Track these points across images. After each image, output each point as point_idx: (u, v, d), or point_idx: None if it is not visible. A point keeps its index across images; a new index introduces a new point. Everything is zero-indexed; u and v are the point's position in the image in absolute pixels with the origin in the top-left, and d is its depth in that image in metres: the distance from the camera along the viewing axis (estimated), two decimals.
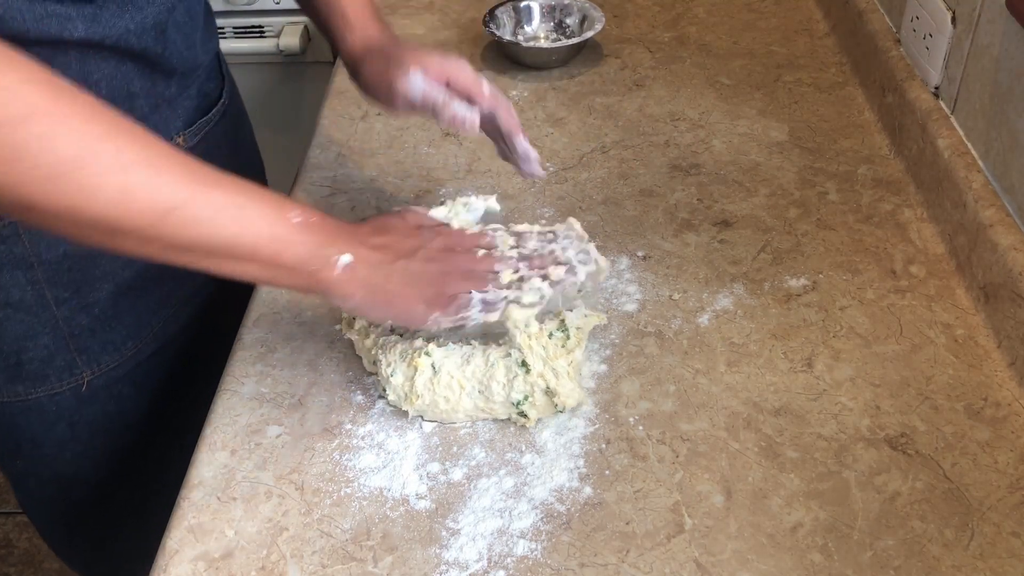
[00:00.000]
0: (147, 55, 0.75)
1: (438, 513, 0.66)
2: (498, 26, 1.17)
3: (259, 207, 0.61)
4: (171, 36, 0.77)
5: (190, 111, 0.85)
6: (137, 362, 0.86)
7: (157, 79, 0.78)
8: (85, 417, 0.86)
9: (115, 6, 0.71)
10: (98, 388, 0.85)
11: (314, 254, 0.63)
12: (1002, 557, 0.62)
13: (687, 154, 1.00)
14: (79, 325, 0.81)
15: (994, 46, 0.82)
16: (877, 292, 0.82)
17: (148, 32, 0.74)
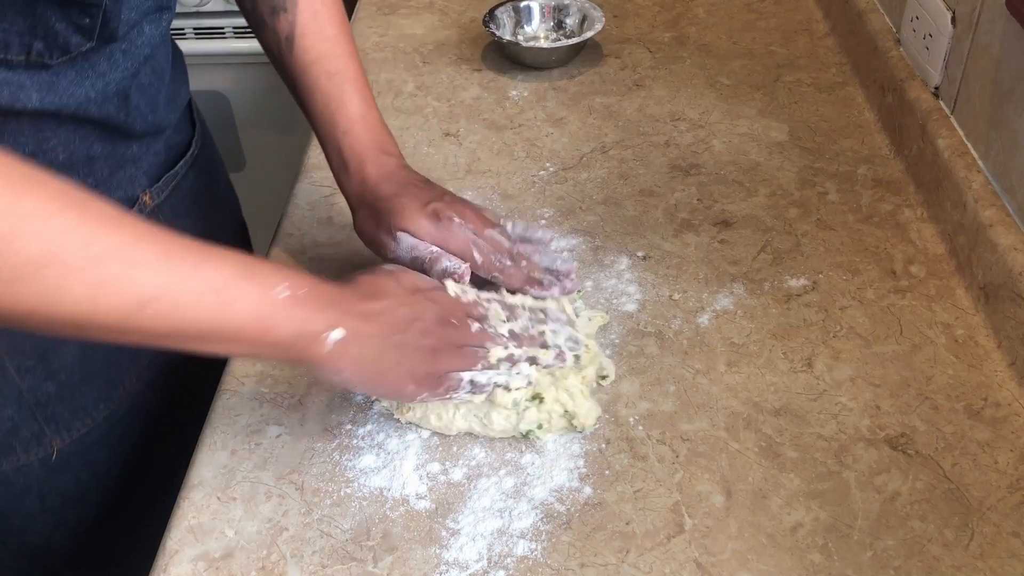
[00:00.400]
0: (108, 122, 0.71)
1: (438, 513, 0.66)
2: (498, 26, 1.17)
3: (242, 286, 0.57)
4: (134, 101, 0.73)
5: (156, 167, 0.80)
6: (110, 424, 0.81)
7: (119, 141, 0.74)
8: (56, 487, 0.80)
9: (73, 73, 0.66)
10: (69, 456, 0.79)
11: (302, 331, 0.59)
12: (1002, 557, 0.62)
13: (687, 154, 1.00)
14: (45, 393, 0.75)
15: (994, 46, 0.82)
16: (877, 292, 0.82)
17: (110, 100, 0.70)
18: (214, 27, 1.58)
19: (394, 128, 1.05)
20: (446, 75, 1.15)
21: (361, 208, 0.77)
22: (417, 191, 0.75)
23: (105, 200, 0.53)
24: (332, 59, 0.79)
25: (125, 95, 0.71)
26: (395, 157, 0.79)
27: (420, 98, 1.11)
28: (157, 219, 0.80)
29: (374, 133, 0.79)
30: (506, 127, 1.05)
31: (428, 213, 0.73)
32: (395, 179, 0.76)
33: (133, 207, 0.77)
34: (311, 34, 0.79)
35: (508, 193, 0.95)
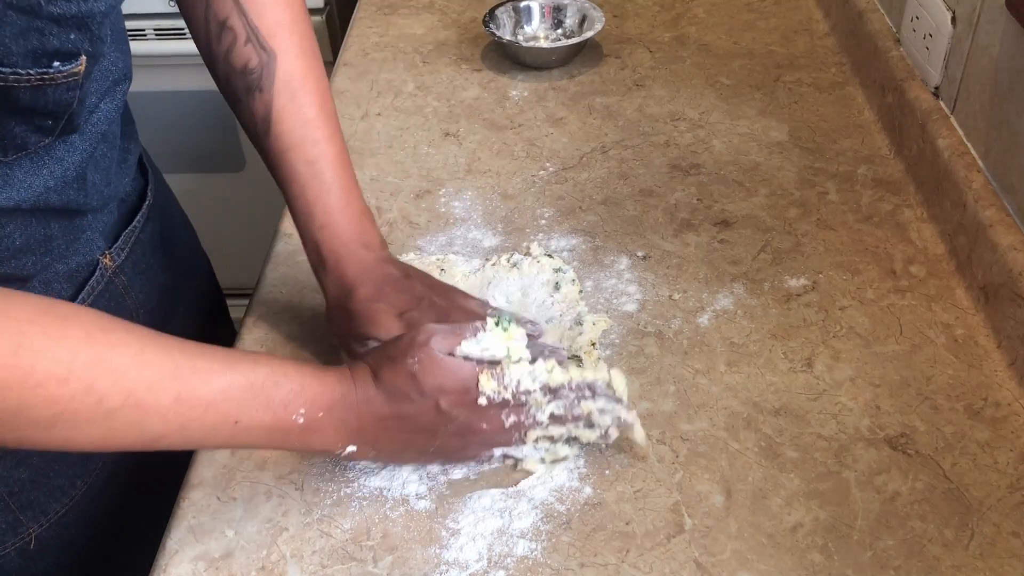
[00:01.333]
0: (67, 207, 0.67)
1: (438, 513, 0.66)
2: (498, 26, 1.17)
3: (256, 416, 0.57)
4: (91, 180, 0.69)
5: (110, 226, 0.76)
6: (89, 499, 0.77)
7: (75, 217, 0.70)
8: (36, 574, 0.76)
9: (29, 163, 0.62)
10: (47, 540, 0.75)
11: (316, 449, 0.63)
12: (1002, 557, 0.62)
13: (687, 154, 1.00)
14: (18, 480, 0.71)
15: (994, 46, 0.82)
16: (877, 292, 0.82)
17: (69, 185, 0.66)
18: None
19: (394, 128, 1.06)
20: (446, 75, 1.15)
21: (335, 307, 0.73)
22: (394, 295, 0.71)
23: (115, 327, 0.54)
24: (310, 145, 0.73)
25: (83, 177, 0.68)
26: (374, 251, 0.74)
27: (420, 98, 1.11)
28: (119, 281, 0.77)
29: (353, 225, 0.74)
30: (506, 127, 1.05)
31: (403, 324, 0.69)
32: (373, 278, 0.72)
33: (93, 274, 0.73)
34: (288, 118, 0.73)
35: (508, 193, 0.95)
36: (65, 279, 0.71)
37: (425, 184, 0.97)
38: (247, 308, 0.84)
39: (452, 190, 0.96)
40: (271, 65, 0.73)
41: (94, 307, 0.73)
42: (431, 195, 0.96)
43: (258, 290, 0.85)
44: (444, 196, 0.95)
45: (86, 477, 0.76)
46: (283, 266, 0.88)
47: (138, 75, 0.72)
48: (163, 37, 1.55)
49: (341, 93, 1.12)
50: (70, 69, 0.59)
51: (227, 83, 0.74)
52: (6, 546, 0.72)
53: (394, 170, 0.99)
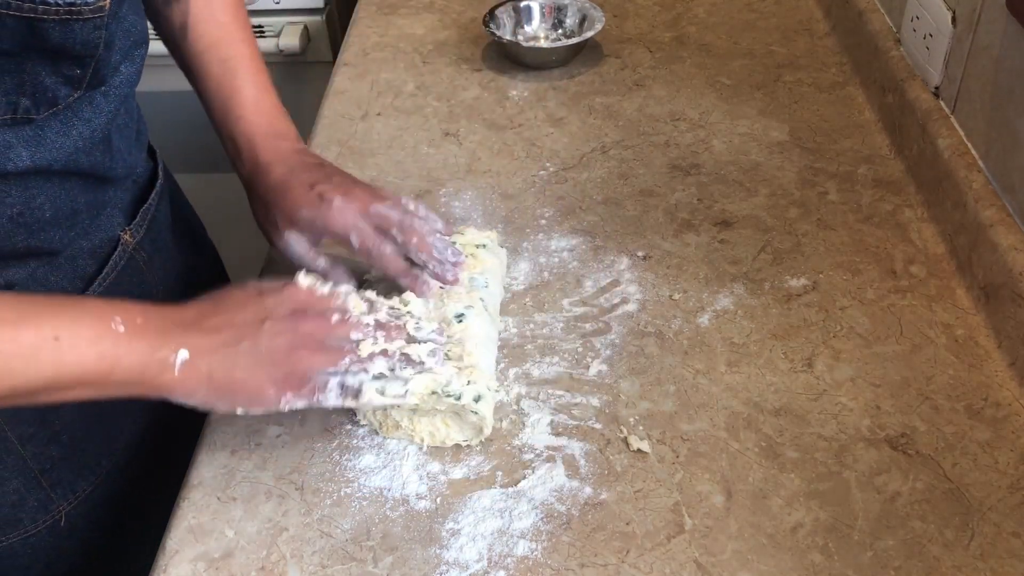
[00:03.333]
0: (95, 171, 0.70)
1: (438, 513, 0.66)
2: (498, 26, 1.17)
3: (77, 329, 0.56)
4: (116, 144, 0.71)
5: (129, 203, 0.78)
6: (112, 479, 0.78)
7: (99, 189, 0.72)
8: (64, 553, 0.77)
9: (59, 124, 0.64)
10: (76, 518, 0.76)
11: (147, 361, 0.58)
12: (1002, 557, 0.62)
13: (687, 154, 1.00)
14: (49, 458, 0.73)
15: (994, 46, 0.82)
16: (877, 292, 0.82)
17: (96, 147, 0.68)
18: None
19: (394, 128, 1.06)
20: (446, 75, 1.15)
21: (253, 195, 0.76)
22: (305, 173, 0.73)
23: None
24: (225, 45, 0.79)
25: (108, 139, 0.70)
26: (289, 140, 0.77)
27: (420, 98, 1.11)
28: (139, 256, 0.78)
29: (267, 117, 0.78)
30: (506, 127, 1.05)
31: (312, 198, 0.71)
32: (287, 162, 0.75)
33: (115, 250, 0.75)
34: (203, 21, 0.78)
35: (508, 193, 0.95)
36: (89, 255, 0.73)
37: (425, 184, 0.97)
38: None
39: (452, 190, 0.96)
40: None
41: (117, 284, 0.75)
42: (431, 195, 0.96)
43: None
44: (444, 196, 0.95)
45: (111, 455, 0.78)
46: (284, 266, 0.87)
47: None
48: None
49: (341, 93, 1.12)
50: (96, 3, 0.60)
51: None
52: (37, 524, 0.74)
53: (394, 170, 0.99)
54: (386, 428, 0.71)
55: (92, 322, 0.58)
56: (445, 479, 0.68)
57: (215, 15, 0.79)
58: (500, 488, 0.68)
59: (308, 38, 1.58)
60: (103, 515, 0.79)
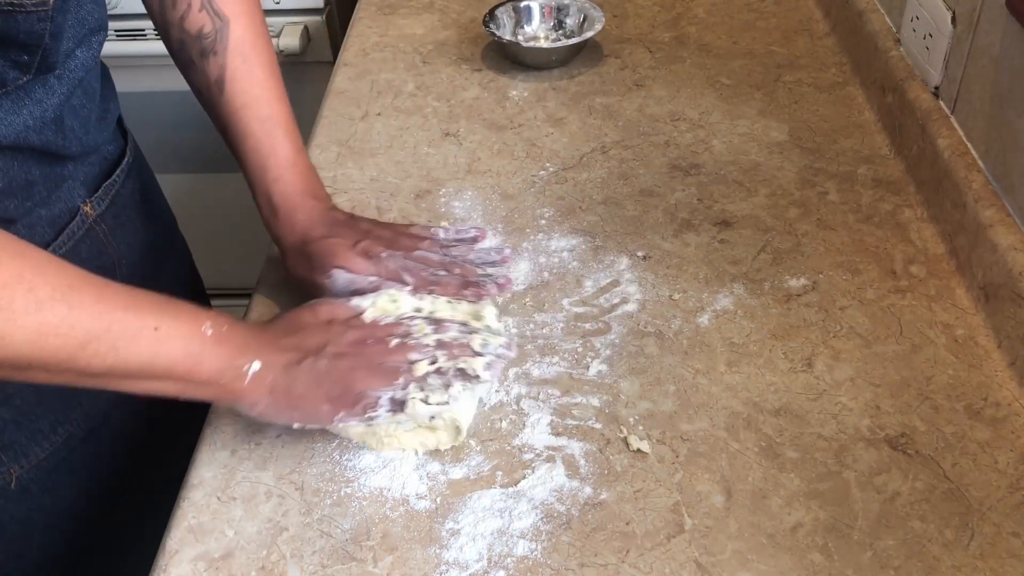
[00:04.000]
0: (47, 148, 0.71)
1: (438, 513, 0.66)
2: (498, 26, 1.17)
3: (173, 325, 0.61)
4: (68, 124, 0.72)
5: (92, 177, 0.79)
6: (70, 448, 0.79)
7: (55, 164, 0.73)
8: (16, 516, 0.77)
9: (9, 103, 0.66)
10: (28, 483, 0.77)
11: (226, 366, 0.63)
12: (1002, 557, 0.62)
13: (687, 154, 1.00)
14: (0, 420, 0.74)
15: (994, 46, 0.82)
16: (877, 292, 0.82)
17: (48, 126, 0.69)
18: None
19: (394, 128, 1.06)
20: (446, 75, 1.15)
21: (293, 253, 0.79)
22: (345, 231, 0.78)
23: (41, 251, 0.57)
24: (263, 104, 0.80)
25: (60, 119, 0.71)
26: (323, 201, 0.81)
27: (420, 98, 1.11)
28: (100, 229, 0.79)
29: (304, 179, 0.81)
30: (506, 127, 1.05)
31: (358, 252, 0.76)
32: (324, 222, 0.79)
33: (74, 219, 0.76)
34: (241, 78, 0.79)
35: (508, 193, 0.95)
36: (48, 224, 0.74)
37: (425, 184, 0.97)
38: (247, 308, 0.84)
39: (452, 190, 0.96)
40: (224, 31, 0.80)
41: (75, 252, 0.76)
42: (431, 195, 0.96)
43: (258, 290, 0.85)
44: (444, 196, 0.95)
45: (67, 425, 0.79)
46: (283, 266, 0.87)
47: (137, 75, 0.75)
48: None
49: (341, 93, 1.12)
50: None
51: (181, 48, 0.81)
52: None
53: (394, 170, 0.99)
54: (378, 444, 0.70)
55: (187, 321, 0.62)
56: (445, 479, 0.68)
57: (253, 72, 0.80)
58: (500, 488, 0.68)
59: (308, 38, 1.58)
60: (58, 483, 0.80)
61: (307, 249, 0.77)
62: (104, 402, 0.82)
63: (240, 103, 0.79)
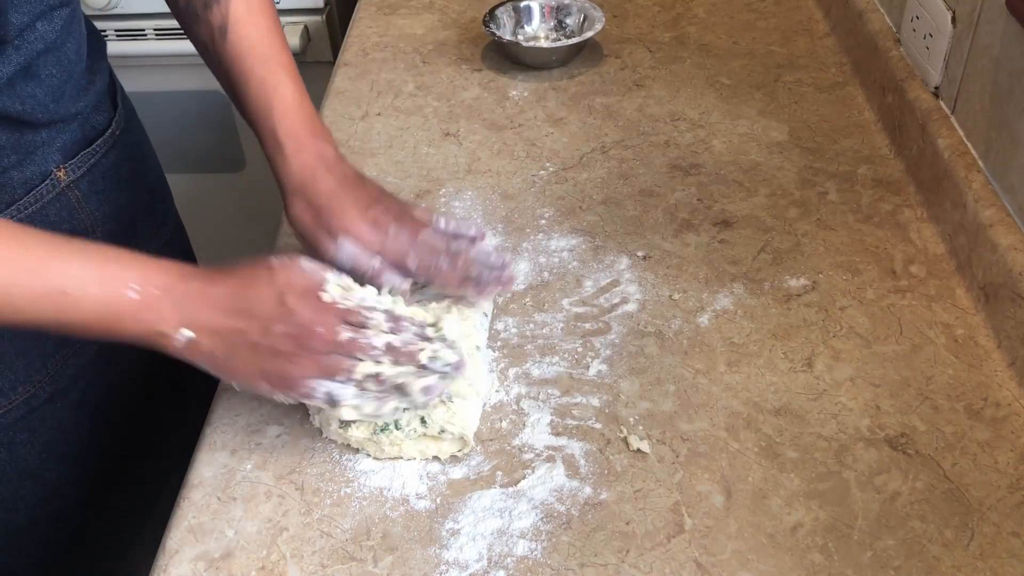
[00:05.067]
0: (7, 114, 0.71)
1: (438, 513, 0.66)
2: (498, 26, 1.17)
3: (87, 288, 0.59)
4: (30, 92, 0.73)
5: (70, 144, 0.80)
6: (30, 408, 0.80)
7: (24, 130, 0.74)
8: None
9: None
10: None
11: (150, 331, 0.61)
12: (1002, 557, 0.62)
13: (687, 154, 1.00)
14: None
15: (994, 46, 0.82)
16: (877, 292, 0.82)
17: (3, 92, 0.70)
18: None
19: (394, 128, 1.06)
20: (446, 75, 1.15)
21: (297, 198, 0.75)
22: (357, 192, 0.75)
23: None
24: (266, 46, 0.79)
25: (16, 88, 0.72)
26: (331, 145, 0.78)
27: (420, 98, 1.11)
28: (72, 195, 0.80)
29: (311, 120, 0.78)
30: (506, 127, 1.05)
31: (368, 219, 0.73)
32: (334, 172, 0.76)
33: (44, 182, 0.77)
34: (244, 24, 0.79)
35: (508, 193, 0.95)
36: (20, 186, 0.75)
37: (425, 184, 0.97)
38: None
39: (452, 190, 0.96)
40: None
41: (42, 213, 0.77)
42: (431, 195, 0.96)
43: None
44: (444, 196, 0.95)
45: (28, 385, 0.79)
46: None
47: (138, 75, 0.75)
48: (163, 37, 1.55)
49: (341, 93, 1.12)
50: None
51: (186, 4, 0.80)
52: None
53: (394, 170, 0.99)
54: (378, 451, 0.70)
55: (104, 284, 0.60)
56: (445, 479, 0.68)
57: (256, 20, 0.80)
58: (500, 488, 0.68)
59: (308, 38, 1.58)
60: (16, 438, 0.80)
61: (315, 200, 0.74)
62: (73, 368, 0.83)
63: (244, 47, 0.79)
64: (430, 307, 0.75)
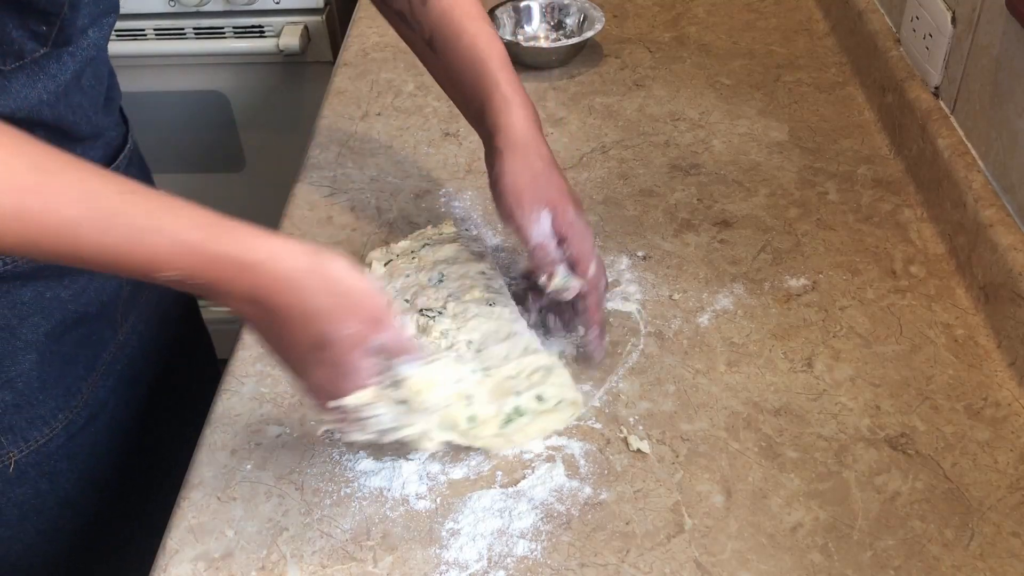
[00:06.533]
0: (60, 124, 0.71)
1: (438, 513, 0.66)
2: (498, 26, 1.17)
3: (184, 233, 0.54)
4: (79, 102, 0.73)
5: (98, 161, 0.79)
6: (70, 434, 0.80)
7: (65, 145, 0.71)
8: (13, 499, 0.78)
9: (25, 77, 0.66)
10: (27, 467, 0.77)
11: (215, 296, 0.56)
12: (1002, 557, 0.62)
13: (687, 154, 1.00)
14: (2, 402, 0.74)
15: (994, 46, 0.82)
16: (877, 292, 0.82)
17: (60, 101, 0.70)
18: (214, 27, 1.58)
19: (394, 128, 1.06)
20: None
21: (518, 154, 0.71)
22: (560, 171, 0.74)
23: None
24: (468, 4, 0.77)
25: (71, 97, 0.72)
26: (537, 122, 0.76)
27: (420, 98, 1.11)
28: None
29: (526, 95, 0.76)
30: None
31: (573, 201, 0.72)
32: (546, 144, 0.74)
33: None
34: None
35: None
36: None
37: (425, 184, 0.97)
38: None
39: (452, 190, 0.96)
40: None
41: None
42: (431, 195, 0.96)
43: None
44: (444, 196, 0.95)
45: (67, 411, 0.79)
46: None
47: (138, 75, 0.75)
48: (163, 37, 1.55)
49: (341, 93, 1.12)
50: None
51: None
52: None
53: (394, 170, 0.99)
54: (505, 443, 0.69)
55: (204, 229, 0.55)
56: (445, 479, 0.68)
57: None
58: (500, 488, 0.68)
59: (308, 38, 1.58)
60: (56, 468, 0.80)
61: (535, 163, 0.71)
62: (104, 391, 0.83)
63: (446, 6, 0.76)
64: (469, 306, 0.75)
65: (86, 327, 0.80)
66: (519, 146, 0.72)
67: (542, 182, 0.71)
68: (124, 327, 0.86)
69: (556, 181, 0.73)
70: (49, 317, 0.75)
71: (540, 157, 0.72)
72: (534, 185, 0.71)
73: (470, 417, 0.67)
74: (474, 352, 0.71)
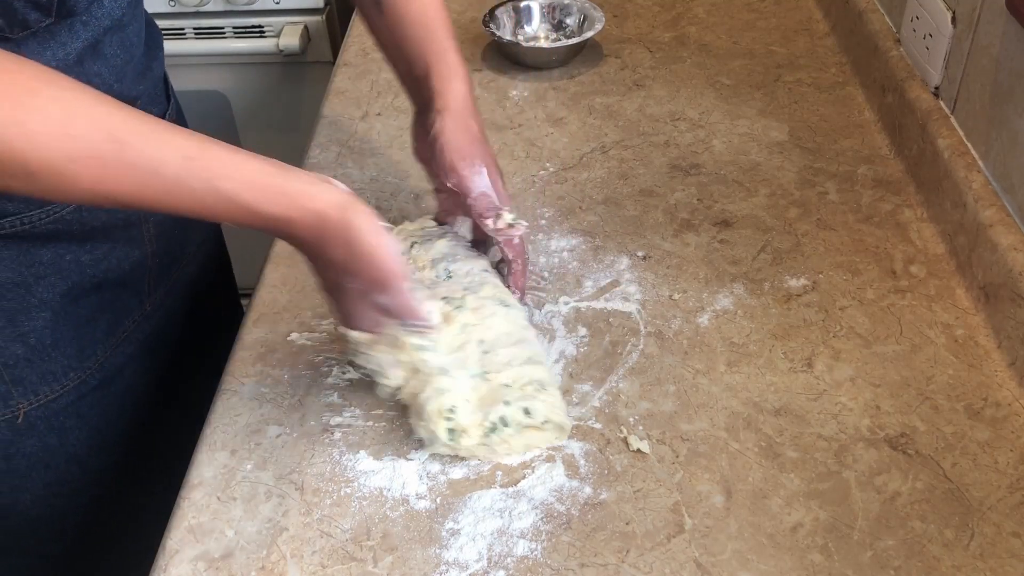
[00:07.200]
0: None
1: (438, 513, 0.66)
2: (498, 26, 1.17)
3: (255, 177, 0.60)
4: (96, 70, 0.73)
5: None
6: (80, 394, 0.82)
7: None
8: (23, 450, 0.81)
9: (35, 43, 0.67)
10: (36, 420, 0.80)
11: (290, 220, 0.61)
12: (1002, 557, 0.62)
13: (687, 154, 1.00)
14: (14, 355, 0.76)
15: (994, 46, 0.82)
16: (877, 292, 0.82)
17: (71, 68, 0.70)
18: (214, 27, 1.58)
19: (394, 128, 1.06)
20: None
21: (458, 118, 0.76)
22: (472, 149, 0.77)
23: None
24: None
25: (84, 64, 0.72)
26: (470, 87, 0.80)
27: None
28: None
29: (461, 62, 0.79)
30: (506, 127, 1.05)
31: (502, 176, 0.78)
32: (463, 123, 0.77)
33: None
34: None
35: (508, 193, 0.95)
36: None
37: (425, 184, 0.97)
38: (247, 308, 0.84)
39: None
40: None
41: None
42: (431, 195, 0.95)
43: (258, 290, 0.85)
44: None
45: (80, 371, 0.81)
46: (283, 266, 0.87)
47: None
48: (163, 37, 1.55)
49: (341, 93, 1.12)
50: None
51: None
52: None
53: (394, 170, 0.99)
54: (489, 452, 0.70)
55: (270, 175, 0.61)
56: (445, 479, 0.68)
57: None
58: (500, 488, 0.68)
59: (308, 38, 1.58)
60: (65, 424, 0.82)
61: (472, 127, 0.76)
62: (122, 356, 0.85)
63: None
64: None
65: (108, 292, 0.81)
66: (460, 110, 0.77)
67: (478, 144, 0.76)
68: (152, 298, 0.88)
69: (489, 149, 0.78)
70: (66, 278, 0.77)
71: (477, 123, 0.78)
72: (473, 144, 0.76)
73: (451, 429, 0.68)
74: (480, 354, 0.71)
